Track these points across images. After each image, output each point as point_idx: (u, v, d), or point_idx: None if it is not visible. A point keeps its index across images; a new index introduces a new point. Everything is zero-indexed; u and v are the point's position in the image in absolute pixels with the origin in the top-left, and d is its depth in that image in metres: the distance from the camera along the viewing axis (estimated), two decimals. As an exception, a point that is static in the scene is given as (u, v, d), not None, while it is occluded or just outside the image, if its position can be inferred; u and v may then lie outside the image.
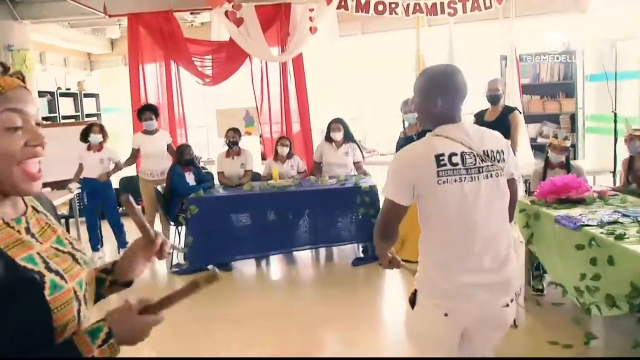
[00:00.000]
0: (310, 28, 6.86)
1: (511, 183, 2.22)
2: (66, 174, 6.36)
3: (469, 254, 2.08)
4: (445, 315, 2.08)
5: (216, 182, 6.39)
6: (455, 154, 2.05)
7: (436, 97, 2.12)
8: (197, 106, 8.95)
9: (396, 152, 3.78)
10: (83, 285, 1.31)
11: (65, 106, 9.07)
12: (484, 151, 2.09)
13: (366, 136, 8.72)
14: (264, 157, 7.54)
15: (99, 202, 6.32)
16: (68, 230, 7.17)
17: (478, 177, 2.06)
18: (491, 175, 2.09)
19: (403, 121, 6.10)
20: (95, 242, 6.41)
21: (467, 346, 2.19)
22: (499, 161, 2.11)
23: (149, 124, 6.36)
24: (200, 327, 4.36)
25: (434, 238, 2.15)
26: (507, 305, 2.13)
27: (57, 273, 1.21)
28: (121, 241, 6.43)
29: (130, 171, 6.81)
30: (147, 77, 7.58)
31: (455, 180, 2.04)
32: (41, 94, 8.27)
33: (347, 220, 5.73)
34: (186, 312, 4.62)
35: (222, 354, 3.95)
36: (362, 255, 5.87)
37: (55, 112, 8.65)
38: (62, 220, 7.01)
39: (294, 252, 6.00)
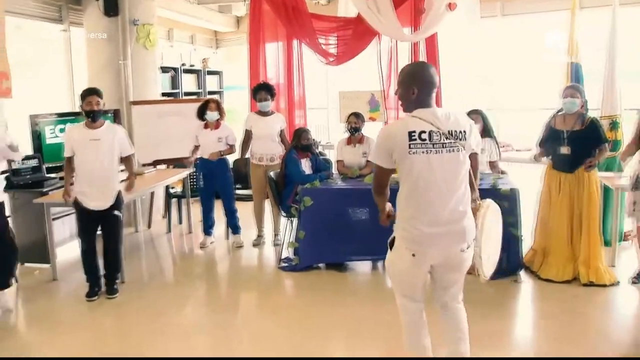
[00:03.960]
0: (449, 4, 6.11)
1: (473, 157, 2.86)
2: (184, 151, 6.12)
3: (429, 208, 2.70)
4: (413, 255, 2.75)
5: (334, 171, 5.81)
6: (424, 132, 2.64)
7: (413, 87, 2.72)
8: (318, 87, 8.48)
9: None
10: None
11: (188, 82, 9.01)
12: (449, 131, 2.66)
13: (499, 129, 7.79)
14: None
15: (216, 184, 5.99)
16: (179, 210, 7.10)
17: (442, 150, 2.66)
18: (453, 150, 2.68)
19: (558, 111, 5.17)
20: (209, 226, 6.12)
21: (435, 280, 2.94)
22: (460, 139, 2.69)
23: (263, 105, 5.92)
24: (305, 333, 3.85)
25: (405, 195, 2.77)
26: (463, 250, 2.76)
27: None
28: (233, 226, 6.10)
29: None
30: (267, 55, 7.30)
31: (423, 152, 2.65)
32: (165, 69, 8.18)
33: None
34: (295, 314, 4.22)
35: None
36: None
37: (178, 88, 8.55)
38: (174, 200, 6.85)
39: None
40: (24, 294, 4.83)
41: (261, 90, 5.93)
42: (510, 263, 4.85)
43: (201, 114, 5.87)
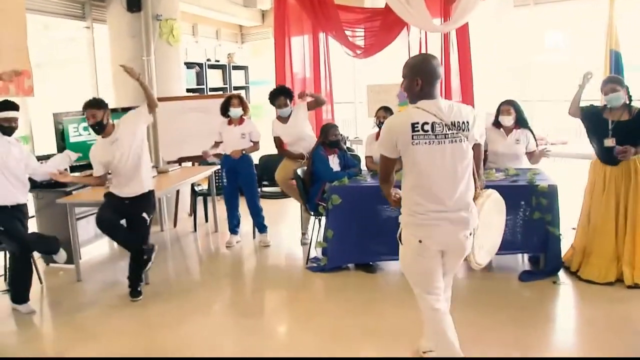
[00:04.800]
0: (481, -8, 5.87)
1: (476, 147, 2.92)
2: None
3: (433, 197, 2.76)
4: (420, 242, 2.80)
5: (363, 167, 5.62)
6: (427, 123, 2.70)
7: (417, 79, 2.77)
8: (346, 81, 8.28)
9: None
10: None
11: (214, 78, 8.91)
12: (452, 122, 2.71)
13: (532, 122, 7.49)
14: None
15: (239, 181, 5.85)
16: (205, 208, 7.00)
17: (444, 141, 2.71)
18: (455, 141, 2.73)
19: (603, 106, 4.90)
20: (234, 224, 5.99)
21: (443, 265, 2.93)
22: (463, 130, 2.73)
23: (283, 112, 5.72)
24: (336, 340, 3.68)
25: (411, 185, 2.82)
26: (467, 236, 2.82)
27: None
28: (259, 225, 5.96)
29: (270, 148, 6.27)
30: (293, 49, 7.15)
31: (426, 143, 2.70)
32: (190, 65, 8.08)
33: (513, 225, 4.67)
34: (324, 319, 3.99)
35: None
36: (530, 268, 4.87)
37: (203, 84, 8.45)
38: (200, 198, 6.75)
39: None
40: (48, 295, 4.77)
41: (279, 96, 5.72)
42: (549, 263, 4.64)
43: (224, 110, 5.74)
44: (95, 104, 4.36)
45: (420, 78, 2.76)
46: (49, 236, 4.52)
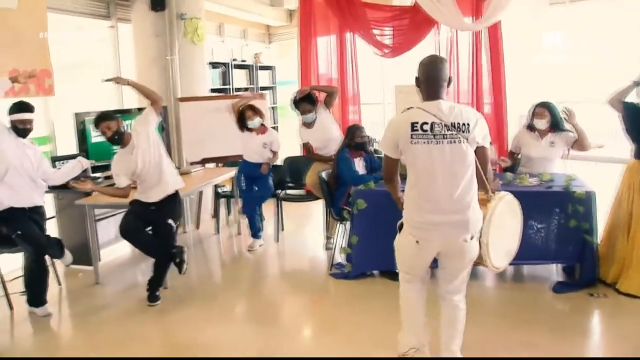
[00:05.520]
0: (515, -11, 5.63)
1: (479, 150, 2.83)
2: (234, 148, 5.90)
3: (432, 197, 2.79)
4: (417, 242, 2.87)
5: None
6: (426, 123, 2.74)
7: (422, 80, 2.87)
8: (373, 81, 8.08)
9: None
10: None
11: (239, 78, 8.79)
12: (451, 123, 2.73)
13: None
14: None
15: (256, 185, 5.76)
16: (228, 210, 6.88)
17: (443, 141, 2.73)
18: (454, 142, 2.74)
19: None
20: (256, 230, 5.86)
21: (441, 268, 3.03)
22: (463, 132, 2.73)
23: (307, 117, 5.57)
24: (354, 347, 3.50)
25: (411, 184, 2.86)
26: (466, 240, 2.82)
27: None
28: (255, 231, 5.85)
29: (295, 150, 6.12)
30: (319, 50, 7.01)
31: (424, 143, 2.75)
32: (215, 65, 7.98)
33: (547, 233, 4.43)
34: (348, 330, 3.74)
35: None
36: (564, 279, 4.63)
37: (228, 84, 8.34)
38: (223, 200, 6.63)
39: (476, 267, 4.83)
40: (66, 297, 4.70)
41: (302, 102, 5.56)
42: (585, 274, 4.39)
43: (242, 125, 5.63)
44: (106, 117, 4.29)
45: (423, 79, 2.86)
46: (53, 239, 4.45)
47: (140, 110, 5.01)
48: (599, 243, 4.46)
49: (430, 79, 2.82)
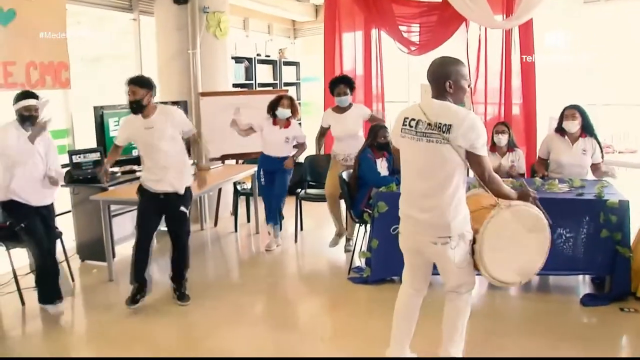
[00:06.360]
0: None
1: (470, 157, 2.76)
2: (254, 145, 5.78)
3: (407, 192, 2.97)
4: (398, 233, 3.10)
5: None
6: (414, 119, 2.84)
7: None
8: (398, 79, 7.91)
9: None
10: None
11: (263, 73, 8.66)
12: (435, 122, 2.74)
13: (599, 127, 6.91)
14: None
15: (275, 180, 5.60)
16: (247, 208, 6.77)
17: (422, 139, 2.78)
18: (432, 141, 2.75)
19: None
20: (273, 218, 5.71)
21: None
22: (443, 132, 2.72)
23: (342, 100, 5.38)
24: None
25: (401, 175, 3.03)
26: (435, 243, 2.83)
27: None
28: (270, 218, 5.69)
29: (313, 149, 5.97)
30: (344, 46, 6.86)
31: (409, 138, 2.85)
32: (238, 60, 7.87)
33: (576, 242, 4.21)
34: (368, 338, 3.55)
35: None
36: (593, 291, 4.41)
37: (252, 79, 8.22)
38: (242, 197, 6.52)
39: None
40: (79, 293, 4.63)
41: (340, 84, 5.39)
42: (616, 287, 4.16)
43: (272, 109, 5.48)
44: (138, 82, 4.08)
45: (428, 78, 2.89)
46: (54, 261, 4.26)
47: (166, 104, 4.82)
48: (632, 255, 4.23)
49: (430, 79, 2.86)
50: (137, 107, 4.07)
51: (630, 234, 4.16)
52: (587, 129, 4.89)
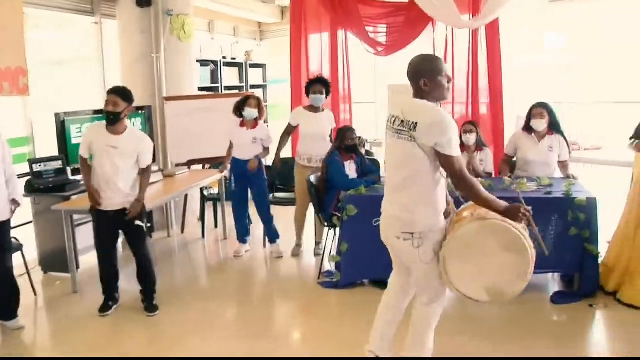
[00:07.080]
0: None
1: (440, 157, 2.72)
2: (221, 150, 5.68)
3: (387, 186, 3.00)
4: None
5: (383, 174, 5.21)
6: (394, 117, 2.88)
7: None
8: (365, 80, 7.89)
9: None
10: None
11: (230, 76, 8.55)
12: (407, 120, 2.77)
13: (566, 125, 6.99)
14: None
15: (251, 188, 5.49)
16: (215, 214, 6.64)
17: (395, 136, 2.84)
18: (401, 138, 2.79)
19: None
20: (243, 233, 5.64)
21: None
22: (410, 130, 2.74)
23: (316, 99, 5.32)
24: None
25: None
26: (398, 237, 2.85)
27: None
28: (271, 234, 5.60)
29: (286, 152, 5.87)
30: (310, 47, 6.81)
31: (389, 134, 2.92)
32: (204, 63, 7.75)
33: (545, 241, 4.19)
34: (339, 342, 3.69)
35: None
36: (562, 289, 4.44)
37: (218, 82, 8.10)
38: (209, 203, 6.40)
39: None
40: (42, 306, 4.48)
41: (317, 84, 5.34)
42: (586, 285, 4.21)
43: (239, 110, 5.38)
44: (121, 93, 3.94)
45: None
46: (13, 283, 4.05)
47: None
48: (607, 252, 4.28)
49: (409, 79, 2.89)
50: (114, 119, 3.93)
51: (599, 231, 4.18)
52: (554, 126, 4.93)
